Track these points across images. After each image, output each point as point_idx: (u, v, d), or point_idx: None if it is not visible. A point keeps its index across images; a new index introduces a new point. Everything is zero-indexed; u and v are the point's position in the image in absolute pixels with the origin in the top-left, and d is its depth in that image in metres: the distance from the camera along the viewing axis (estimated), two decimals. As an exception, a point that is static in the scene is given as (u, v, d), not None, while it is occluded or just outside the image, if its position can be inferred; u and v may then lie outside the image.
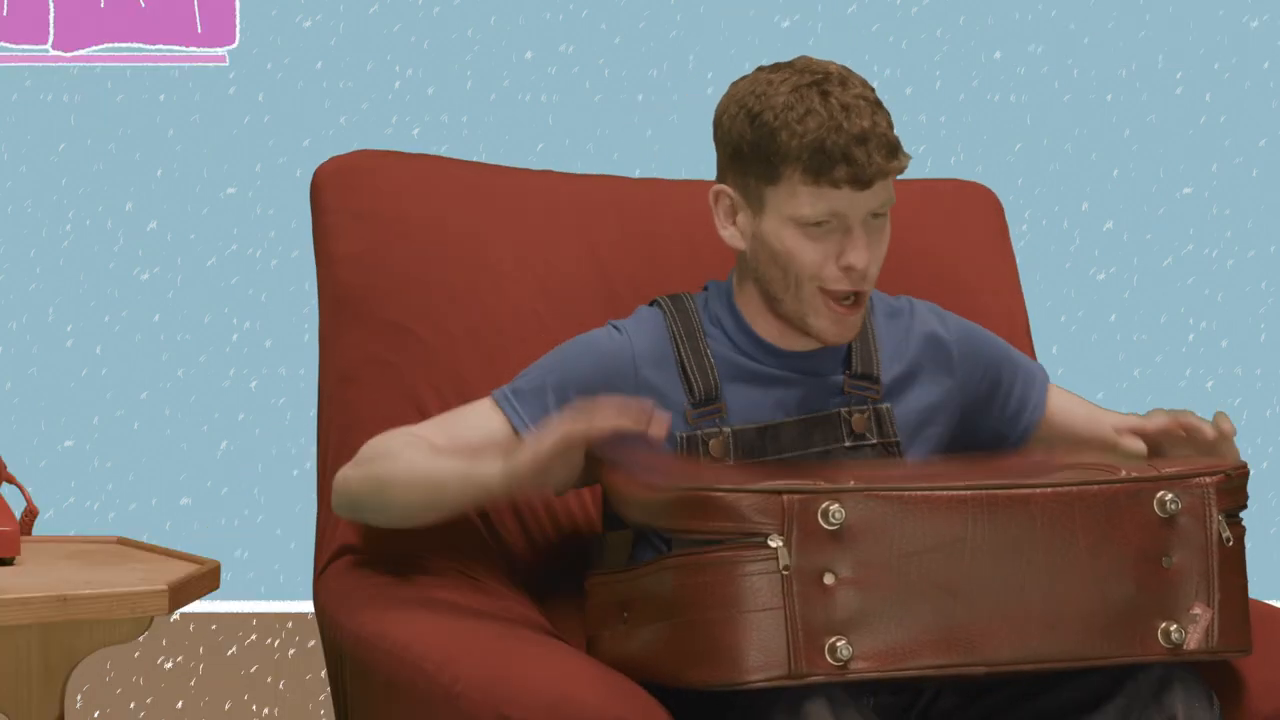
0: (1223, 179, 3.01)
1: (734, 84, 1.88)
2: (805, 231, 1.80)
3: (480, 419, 1.88)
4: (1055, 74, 2.99)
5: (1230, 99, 3.01)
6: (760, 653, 1.57)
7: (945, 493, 1.62)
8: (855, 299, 1.84)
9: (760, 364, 1.90)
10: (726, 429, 1.85)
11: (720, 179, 1.88)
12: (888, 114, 1.82)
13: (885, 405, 1.91)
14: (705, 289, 1.96)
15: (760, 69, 1.87)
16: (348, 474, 1.88)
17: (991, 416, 2.00)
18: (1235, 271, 3.02)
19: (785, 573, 1.58)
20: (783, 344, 1.90)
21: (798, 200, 1.79)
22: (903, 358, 1.95)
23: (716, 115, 1.87)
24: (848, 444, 1.88)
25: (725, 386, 1.88)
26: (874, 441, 1.89)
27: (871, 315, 1.95)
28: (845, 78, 1.81)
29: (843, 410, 1.89)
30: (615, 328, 1.91)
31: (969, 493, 1.63)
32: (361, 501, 1.86)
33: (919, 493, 1.61)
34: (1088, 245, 3.01)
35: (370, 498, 1.85)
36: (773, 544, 1.59)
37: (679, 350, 1.89)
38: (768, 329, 1.90)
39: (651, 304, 1.95)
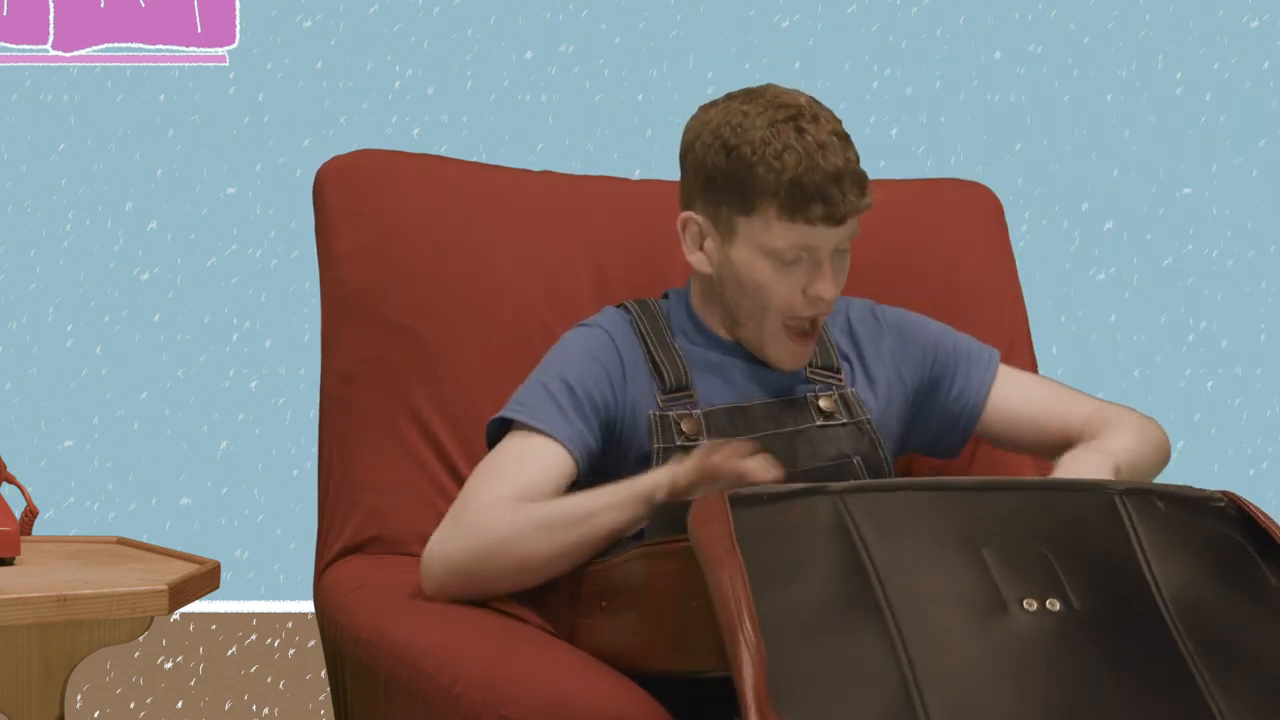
0: (1223, 179, 3.01)
1: (703, 111, 1.91)
2: (776, 264, 1.86)
3: (527, 450, 1.86)
4: (1055, 74, 2.99)
5: (1230, 99, 3.01)
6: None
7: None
8: (811, 327, 1.90)
9: (724, 357, 1.94)
10: (697, 411, 1.90)
11: (687, 205, 1.92)
12: (855, 148, 1.87)
13: (851, 390, 1.97)
14: (665, 296, 2.01)
15: (730, 98, 1.90)
16: (450, 549, 1.82)
17: (939, 401, 2.03)
18: (1235, 271, 3.02)
19: None
20: (737, 342, 1.96)
21: (772, 234, 1.84)
22: (849, 348, 2.01)
23: (686, 142, 1.91)
24: (819, 423, 1.93)
25: (694, 376, 1.93)
26: (844, 421, 1.94)
27: None
28: (816, 113, 1.86)
29: (809, 395, 1.94)
30: (586, 325, 1.96)
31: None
32: (476, 569, 1.81)
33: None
34: (1088, 245, 3.01)
35: (489, 561, 1.80)
36: None
37: (647, 345, 1.93)
38: (729, 335, 1.95)
39: (619, 306, 1.99)
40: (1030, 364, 2.28)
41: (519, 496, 1.82)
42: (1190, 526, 1.59)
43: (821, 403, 1.94)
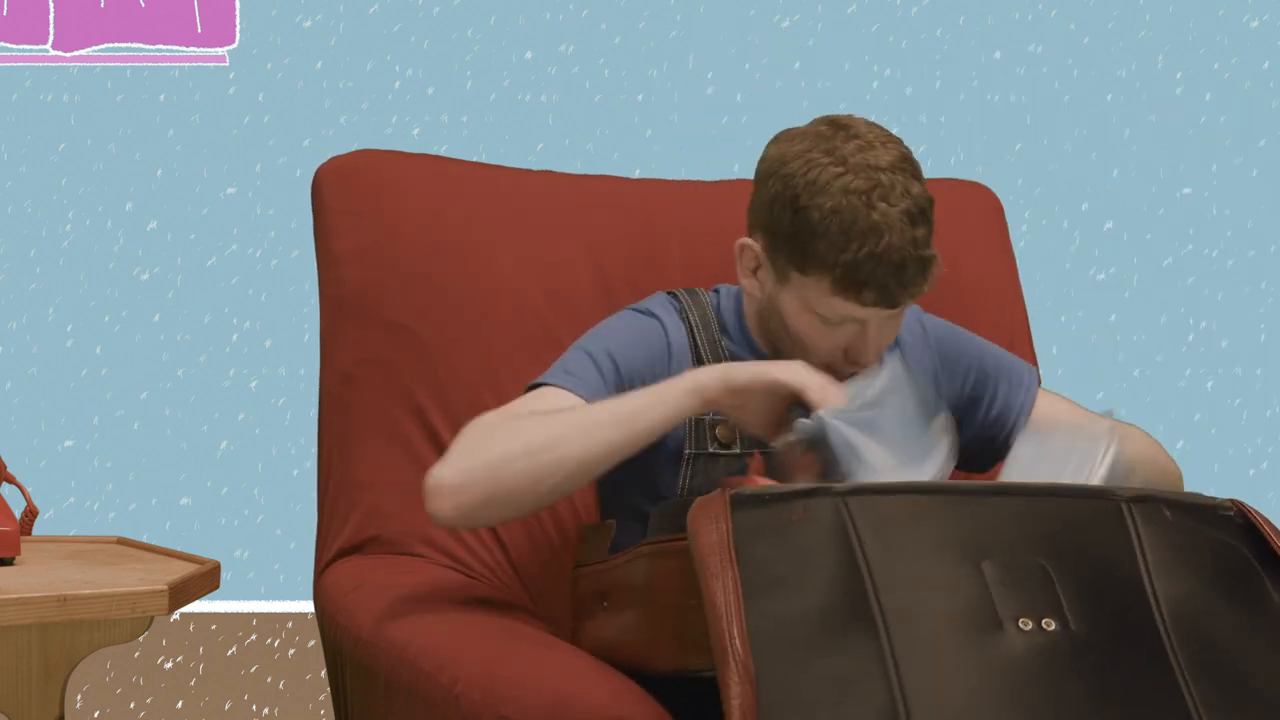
0: (1223, 179, 3.01)
1: (787, 141, 1.84)
2: (823, 323, 1.81)
3: (558, 403, 1.82)
4: (1055, 74, 2.99)
5: (1230, 99, 3.01)
6: None
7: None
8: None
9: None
10: None
11: (750, 231, 1.87)
12: (930, 218, 1.80)
13: None
14: (715, 291, 1.98)
15: (818, 137, 1.81)
16: (464, 463, 1.74)
17: (976, 420, 2.00)
18: (1235, 271, 3.02)
19: None
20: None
21: (823, 303, 1.80)
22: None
23: (762, 171, 1.84)
24: None
25: None
26: None
27: None
28: (894, 182, 1.78)
29: None
30: (639, 311, 1.93)
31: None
32: (498, 476, 1.72)
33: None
34: (1088, 245, 3.01)
35: (515, 465, 1.72)
36: None
37: (694, 339, 1.91)
38: (772, 352, 1.92)
39: (669, 294, 1.96)
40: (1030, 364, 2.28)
41: None
42: (1196, 537, 1.58)
43: None
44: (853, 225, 1.76)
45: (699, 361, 1.89)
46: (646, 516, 1.86)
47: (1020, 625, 1.46)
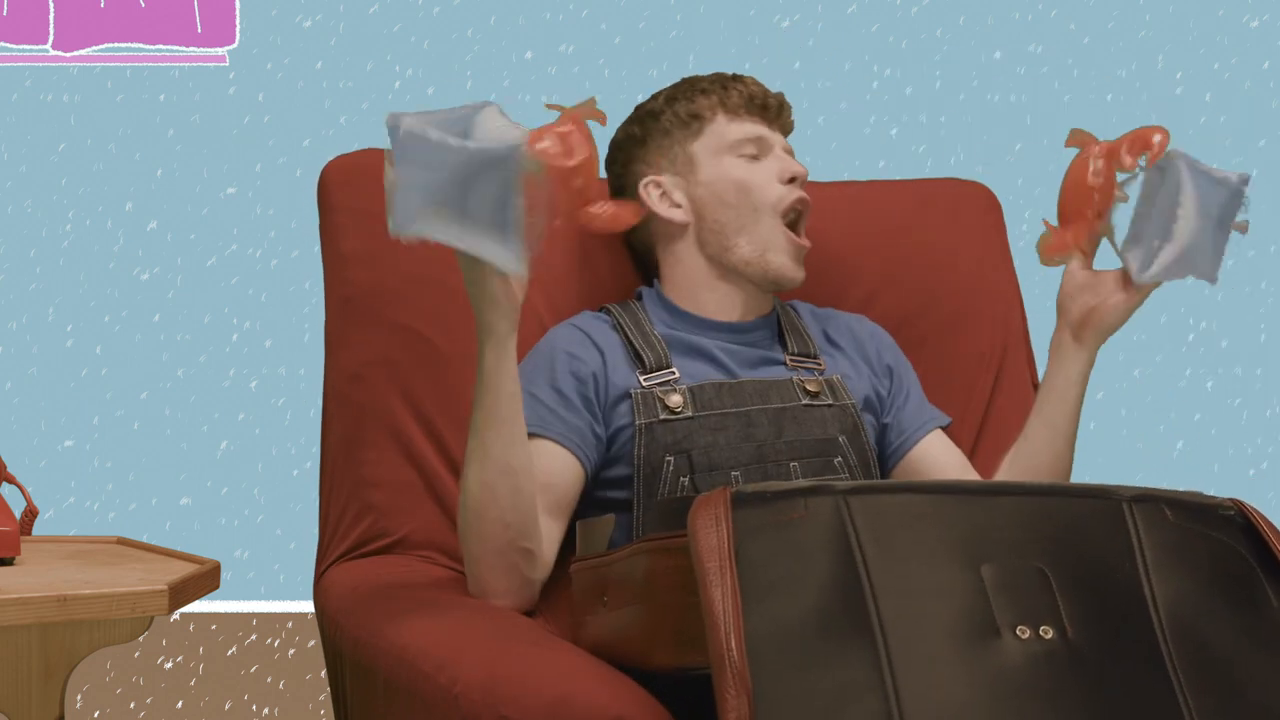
0: (1223, 179, 3.01)
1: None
2: (744, 158, 1.98)
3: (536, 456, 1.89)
4: (1055, 74, 2.99)
5: (1230, 99, 3.01)
6: None
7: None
8: (798, 219, 1.99)
9: (706, 338, 1.98)
10: (684, 385, 1.93)
11: (636, 182, 2.02)
12: None
13: (835, 375, 2.01)
14: (639, 297, 2.06)
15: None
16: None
17: (880, 421, 2.06)
18: (1235, 271, 3.02)
19: None
20: (720, 316, 2.00)
21: (725, 131, 1.98)
22: (822, 340, 2.06)
23: (611, 149, 2.07)
24: (804, 402, 1.96)
25: (674, 358, 1.97)
26: (830, 403, 1.97)
27: (797, 315, 2.08)
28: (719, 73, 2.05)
29: (793, 377, 1.98)
30: (557, 326, 2.02)
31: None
32: (468, 541, 1.83)
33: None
34: (1088, 245, 3.01)
35: (469, 529, 1.83)
36: None
37: (626, 336, 1.97)
38: (703, 304, 2.00)
39: (596, 310, 2.05)
40: (1029, 364, 2.28)
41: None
42: (1196, 539, 1.58)
43: (808, 385, 1.97)
44: (698, 80, 2.03)
45: (636, 355, 1.96)
46: (606, 504, 1.91)
47: (1018, 633, 1.46)
